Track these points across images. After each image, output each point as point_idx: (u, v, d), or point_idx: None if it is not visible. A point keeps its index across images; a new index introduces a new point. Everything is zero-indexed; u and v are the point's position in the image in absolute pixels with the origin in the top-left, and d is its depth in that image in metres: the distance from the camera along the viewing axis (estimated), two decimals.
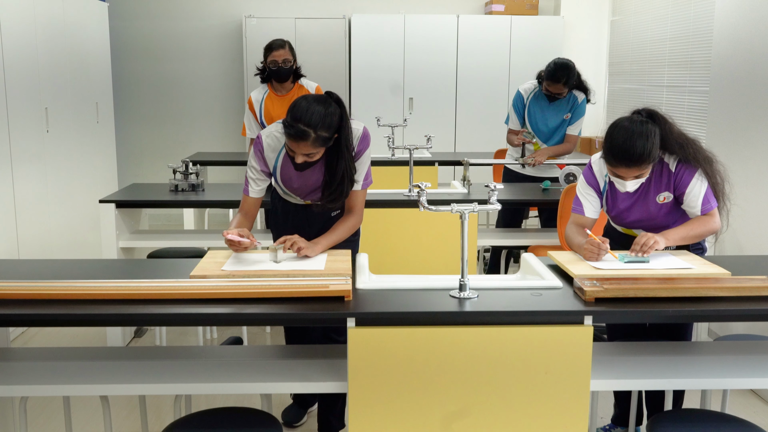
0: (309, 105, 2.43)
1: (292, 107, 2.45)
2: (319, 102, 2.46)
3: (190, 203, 4.02)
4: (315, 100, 2.46)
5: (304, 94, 2.57)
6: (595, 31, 6.94)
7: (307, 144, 2.44)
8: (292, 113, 2.43)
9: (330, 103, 2.49)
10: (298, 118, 2.41)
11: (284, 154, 2.65)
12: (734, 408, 3.28)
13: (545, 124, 4.44)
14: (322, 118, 2.43)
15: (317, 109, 2.43)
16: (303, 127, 2.40)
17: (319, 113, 2.42)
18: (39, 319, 2.11)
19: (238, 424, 2.11)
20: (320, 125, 2.42)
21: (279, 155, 2.66)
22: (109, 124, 5.88)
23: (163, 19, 7.12)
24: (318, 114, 2.42)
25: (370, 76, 6.73)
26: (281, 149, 2.65)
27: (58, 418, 3.19)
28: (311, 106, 2.43)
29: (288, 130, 2.43)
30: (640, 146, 2.43)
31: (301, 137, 2.42)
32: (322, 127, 2.43)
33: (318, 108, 2.43)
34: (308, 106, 2.42)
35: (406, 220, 3.66)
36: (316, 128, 2.42)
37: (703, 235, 2.60)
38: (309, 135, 2.42)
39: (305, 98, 2.46)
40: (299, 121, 2.41)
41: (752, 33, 3.78)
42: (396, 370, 2.08)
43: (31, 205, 4.40)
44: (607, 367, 2.27)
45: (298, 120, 2.41)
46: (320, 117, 2.42)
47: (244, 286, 2.17)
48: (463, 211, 2.16)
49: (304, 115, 2.41)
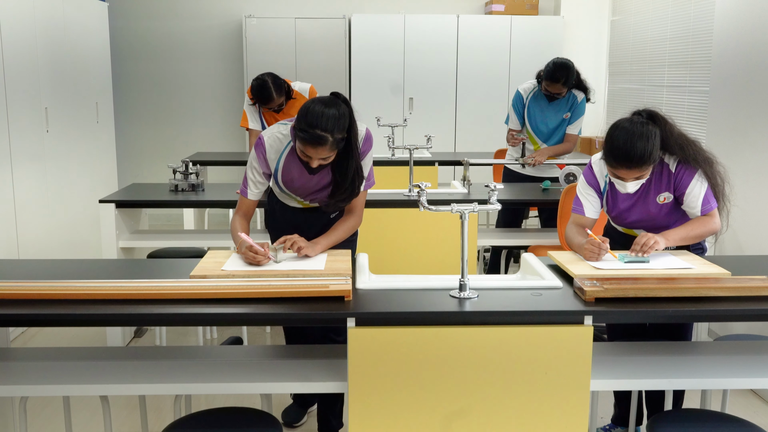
0: (323, 110, 2.42)
1: (304, 113, 2.43)
2: (329, 105, 2.45)
3: (190, 203, 4.02)
4: (326, 104, 2.45)
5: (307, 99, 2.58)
6: (595, 30, 6.94)
7: (325, 149, 2.44)
8: (307, 119, 2.41)
9: (339, 105, 2.48)
10: (315, 124, 2.40)
11: (287, 154, 2.64)
12: (734, 408, 3.28)
13: (545, 123, 4.44)
14: (337, 121, 2.43)
15: (331, 112, 2.42)
16: (320, 133, 2.40)
17: (334, 117, 2.42)
18: (39, 319, 2.11)
19: (238, 424, 2.11)
20: (336, 129, 2.43)
21: (281, 156, 2.65)
22: (109, 123, 5.88)
23: (163, 19, 7.12)
24: (333, 118, 2.42)
25: (370, 76, 6.73)
26: (284, 150, 2.64)
27: (58, 418, 3.19)
28: (325, 110, 2.42)
29: (303, 135, 2.41)
30: (640, 148, 2.43)
31: (319, 143, 2.41)
32: (338, 130, 2.44)
33: (331, 111, 2.43)
34: (322, 110, 2.42)
35: (406, 220, 3.66)
36: (333, 132, 2.42)
37: (704, 235, 2.60)
38: (327, 140, 2.41)
39: (316, 103, 2.45)
40: (315, 127, 2.40)
41: (752, 33, 3.78)
42: (396, 370, 2.07)
43: (31, 205, 4.40)
44: (607, 367, 2.27)
45: (314, 126, 2.40)
46: (335, 120, 2.42)
47: (244, 286, 2.17)
48: (463, 211, 2.16)
49: (320, 121, 2.40)
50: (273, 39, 6.75)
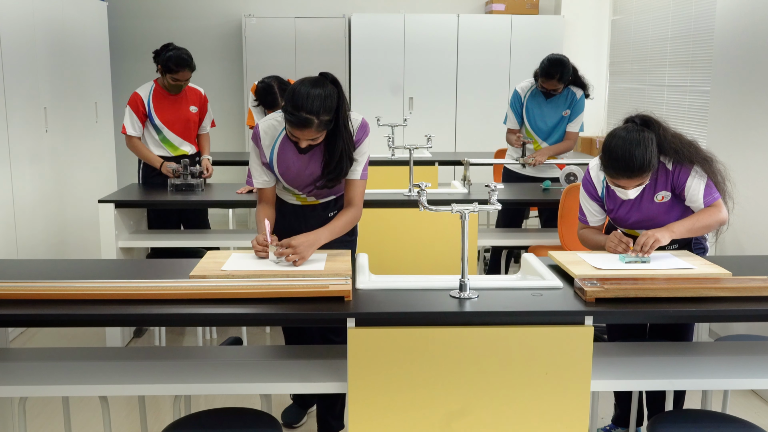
0: (308, 91, 2.42)
1: (291, 95, 2.43)
2: (316, 85, 2.45)
3: (190, 203, 4.01)
4: (312, 84, 2.45)
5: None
6: (595, 30, 6.93)
7: (311, 130, 2.44)
8: (293, 101, 2.42)
9: (326, 84, 2.48)
10: (300, 106, 2.40)
11: (281, 140, 2.64)
12: (735, 408, 3.28)
13: (544, 121, 4.44)
14: (323, 102, 2.43)
15: (317, 93, 2.42)
16: (306, 115, 2.40)
17: (320, 97, 2.42)
18: (38, 320, 2.11)
19: (238, 425, 2.11)
20: (322, 110, 2.43)
21: (276, 142, 2.65)
22: (109, 123, 5.88)
23: (163, 18, 7.11)
24: (319, 99, 2.42)
25: (370, 75, 6.72)
26: (278, 136, 2.64)
27: (58, 418, 3.19)
28: (310, 91, 2.42)
29: (290, 117, 2.42)
30: (639, 157, 2.43)
31: (305, 125, 2.42)
32: (324, 111, 2.44)
33: (317, 92, 2.42)
34: (308, 92, 2.42)
35: (406, 220, 3.66)
36: (318, 114, 2.42)
37: (711, 226, 2.59)
38: (312, 122, 2.42)
39: (303, 84, 2.45)
40: (301, 109, 2.40)
41: (753, 32, 3.77)
42: (396, 370, 2.07)
43: (30, 205, 4.39)
44: (608, 368, 2.27)
45: (300, 108, 2.40)
46: (321, 102, 2.42)
47: (244, 286, 2.16)
48: (463, 211, 2.15)
49: (306, 103, 2.40)
50: (273, 38, 6.75)
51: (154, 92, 4.21)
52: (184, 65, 4.10)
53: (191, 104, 4.31)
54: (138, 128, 4.22)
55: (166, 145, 4.26)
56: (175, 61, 4.08)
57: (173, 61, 4.08)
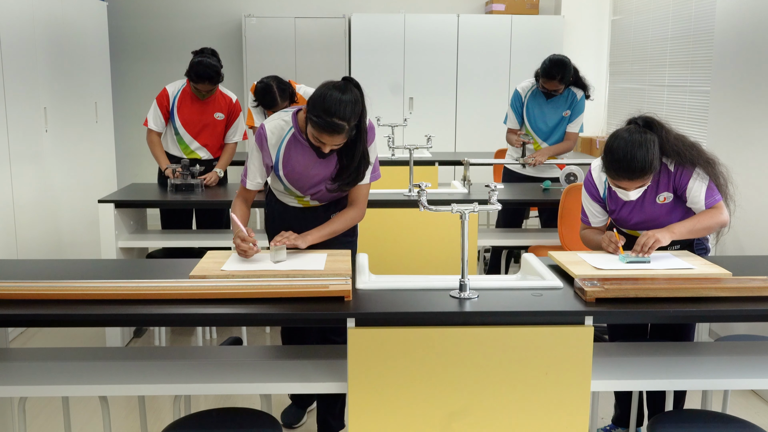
0: (340, 97, 2.42)
1: (321, 99, 2.42)
2: (345, 91, 2.45)
3: (190, 203, 4.01)
4: (341, 90, 2.44)
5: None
6: (595, 30, 6.93)
7: (341, 136, 2.46)
8: (324, 107, 2.41)
9: (353, 90, 2.49)
10: (333, 112, 2.40)
11: (287, 141, 2.64)
12: (735, 409, 3.28)
13: (544, 122, 4.44)
14: (353, 108, 2.44)
15: (348, 99, 2.43)
16: (338, 121, 2.41)
17: (351, 103, 2.43)
18: (38, 320, 2.11)
19: (238, 425, 2.10)
20: (352, 116, 2.45)
21: (282, 143, 2.65)
22: (108, 123, 5.88)
23: (163, 18, 7.11)
24: (350, 105, 2.43)
25: (370, 75, 6.72)
26: (284, 137, 2.64)
27: (57, 418, 3.19)
28: (342, 97, 2.42)
29: (320, 123, 2.41)
30: (640, 158, 2.43)
31: (336, 130, 2.43)
32: (354, 117, 2.46)
33: (348, 98, 2.43)
34: (339, 98, 2.42)
35: (406, 220, 3.65)
36: (350, 120, 2.44)
37: (711, 227, 2.59)
38: (344, 128, 2.43)
39: (332, 89, 2.45)
40: (333, 115, 2.40)
41: (753, 32, 3.77)
42: (396, 370, 2.07)
43: (30, 205, 4.39)
44: (608, 368, 2.27)
45: (332, 114, 2.40)
46: (352, 108, 2.44)
47: (244, 286, 2.16)
48: (463, 211, 2.15)
49: (338, 109, 2.40)
50: (273, 38, 6.75)
51: (183, 91, 4.21)
52: (205, 79, 4.06)
53: (218, 110, 4.27)
54: (160, 123, 4.21)
55: (180, 145, 4.26)
56: (197, 71, 4.05)
57: (194, 71, 4.05)
